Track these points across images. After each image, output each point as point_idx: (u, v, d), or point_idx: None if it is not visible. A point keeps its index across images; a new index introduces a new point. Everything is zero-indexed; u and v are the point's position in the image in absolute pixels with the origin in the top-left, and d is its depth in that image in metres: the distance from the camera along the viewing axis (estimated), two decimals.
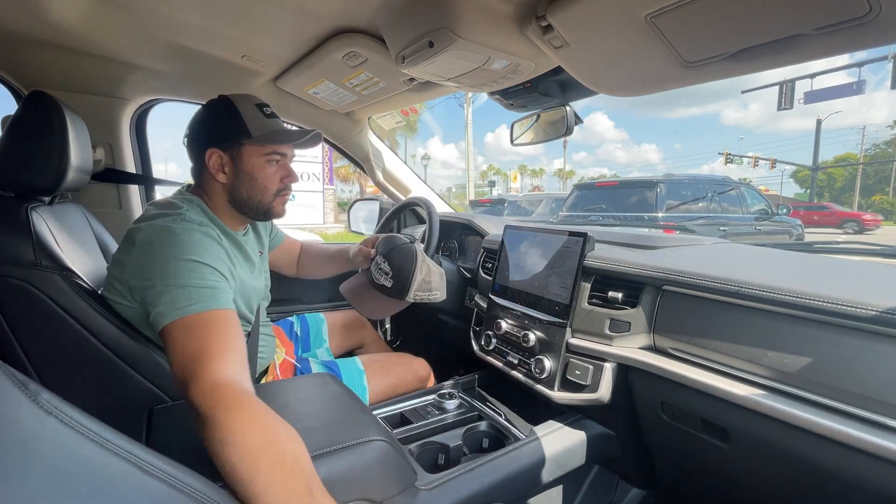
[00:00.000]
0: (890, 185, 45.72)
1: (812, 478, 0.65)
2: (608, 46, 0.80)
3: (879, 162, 48.34)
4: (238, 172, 0.89)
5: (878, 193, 46.31)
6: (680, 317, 0.81)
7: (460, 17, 0.82)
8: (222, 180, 0.89)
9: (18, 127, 0.86)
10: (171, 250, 0.73)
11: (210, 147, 0.87)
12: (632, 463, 1.02)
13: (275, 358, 1.10)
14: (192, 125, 0.91)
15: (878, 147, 49.57)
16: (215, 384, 0.58)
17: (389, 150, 1.92)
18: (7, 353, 0.77)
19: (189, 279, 0.71)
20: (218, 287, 0.73)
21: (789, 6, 0.60)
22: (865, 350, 0.59)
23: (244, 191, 0.90)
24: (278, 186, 0.92)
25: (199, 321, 0.67)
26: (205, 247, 0.76)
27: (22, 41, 1.15)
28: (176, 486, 0.37)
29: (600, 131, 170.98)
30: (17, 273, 0.75)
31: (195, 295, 0.69)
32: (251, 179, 0.89)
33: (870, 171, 49.18)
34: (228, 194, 0.90)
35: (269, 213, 0.94)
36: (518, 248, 1.15)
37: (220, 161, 0.88)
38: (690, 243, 1.07)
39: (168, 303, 0.69)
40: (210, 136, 0.88)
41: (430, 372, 1.26)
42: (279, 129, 0.90)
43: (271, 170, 0.91)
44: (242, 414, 0.55)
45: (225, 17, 1.04)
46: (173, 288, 0.70)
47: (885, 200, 44.34)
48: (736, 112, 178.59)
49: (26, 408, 0.29)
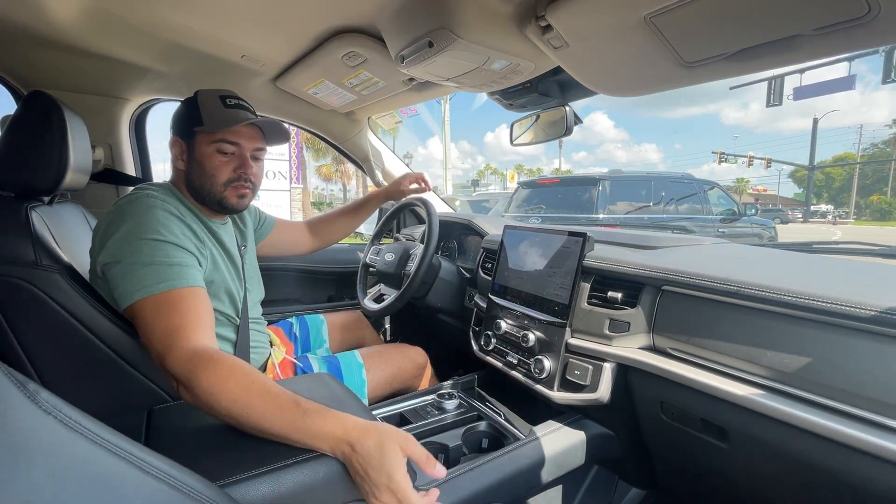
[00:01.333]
0: (888, 185, 45.75)
1: (811, 477, 0.65)
2: (608, 46, 0.80)
3: (877, 161, 48.47)
4: (191, 160, 0.91)
5: (875, 193, 46.39)
6: (679, 317, 0.81)
7: (460, 17, 0.82)
8: (180, 167, 0.92)
9: (18, 127, 0.85)
10: (135, 229, 0.75)
11: (173, 136, 0.92)
12: (631, 463, 1.02)
13: (274, 357, 1.10)
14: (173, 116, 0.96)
15: (877, 147, 49.70)
16: (192, 352, 0.64)
17: (389, 150, 1.92)
18: (7, 353, 0.77)
19: (154, 257, 0.73)
20: (185, 264, 0.75)
21: (788, 6, 0.60)
22: (865, 350, 0.59)
23: (196, 179, 0.91)
24: (229, 176, 0.90)
25: (168, 299, 0.70)
26: (167, 225, 0.77)
27: (21, 40, 1.15)
28: (175, 486, 0.37)
29: (600, 131, 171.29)
30: (17, 272, 0.75)
31: (162, 273, 0.72)
32: (200, 167, 0.90)
33: (868, 171, 49.29)
34: (186, 182, 0.92)
35: (223, 204, 0.92)
36: (517, 248, 1.15)
37: (180, 149, 0.92)
38: (690, 243, 1.08)
39: (135, 281, 0.71)
40: (174, 126, 0.93)
41: (426, 359, 1.29)
42: (228, 117, 0.89)
43: (221, 159, 0.90)
44: (222, 367, 0.62)
45: (224, 17, 1.04)
46: (139, 266, 0.72)
47: (883, 200, 44.45)
48: (736, 112, 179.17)
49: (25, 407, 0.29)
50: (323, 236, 1.40)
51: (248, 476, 0.55)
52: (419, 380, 1.26)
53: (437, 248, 1.31)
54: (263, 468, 0.57)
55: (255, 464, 0.57)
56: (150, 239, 0.74)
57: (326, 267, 1.87)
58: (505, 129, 26.47)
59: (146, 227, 0.75)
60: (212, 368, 0.62)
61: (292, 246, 1.36)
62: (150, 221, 0.76)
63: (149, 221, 0.76)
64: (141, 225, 0.75)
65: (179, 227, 0.80)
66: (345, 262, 1.90)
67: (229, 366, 0.63)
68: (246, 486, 0.54)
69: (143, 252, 0.73)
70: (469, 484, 0.80)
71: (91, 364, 0.79)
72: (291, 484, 0.57)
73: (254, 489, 0.55)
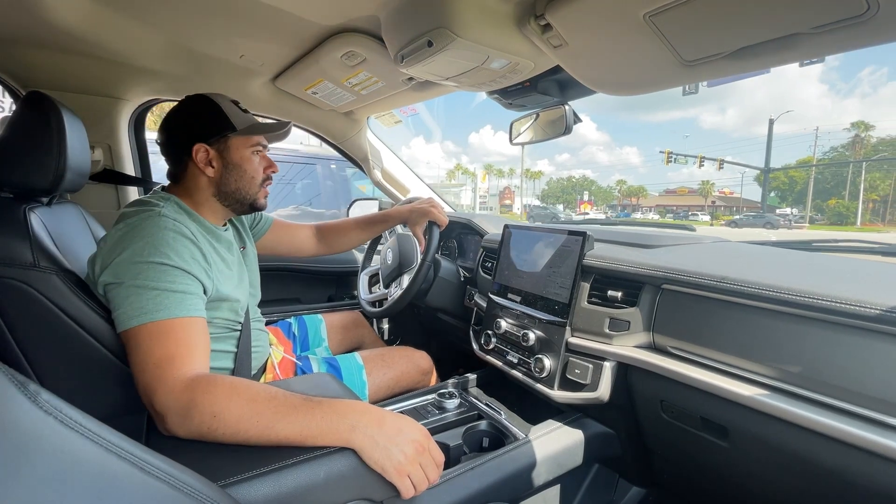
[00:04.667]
0: (846, 189, 46.14)
1: (812, 476, 0.65)
2: (607, 45, 0.80)
3: (836, 164, 49.19)
4: (227, 165, 0.91)
5: (833, 197, 46.78)
6: (679, 315, 0.81)
7: (459, 16, 0.82)
8: (210, 174, 0.90)
9: (16, 127, 0.85)
10: (142, 251, 0.72)
11: (196, 142, 0.88)
12: (632, 461, 1.02)
13: (273, 357, 1.10)
14: (170, 125, 0.91)
15: (836, 150, 50.59)
16: (189, 380, 0.63)
17: (389, 149, 1.92)
18: (5, 354, 0.76)
19: (159, 282, 0.70)
20: (188, 292, 0.73)
21: (788, 5, 0.60)
22: (866, 348, 0.59)
23: (233, 183, 0.92)
24: (262, 176, 0.96)
25: (166, 328, 0.68)
26: (177, 248, 0.75)
27: (19, 41, 1.14)
28: (176, 486, 0.37)
29: (583, 133, 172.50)
30: (15, 274, 0.75)
31: (164, 300, 0.69)
32: (240, 171, 0.92)
33: (828, 175, 50.15)
34: (216, 188, 0.91)
35: (255, 205, 0.97)
36: (517, 248, 1.15)
37: (207, 155, 0.89)
38: (690, 242, 1.08)
39: (135, 305, 0.69)
40: (194, 133, 0.89)
41: (432, 365, 1.26)
42: (258, 123, 0.95)
43: (256, 160, 0.94)
44: (222, 387, 0.62)
45: (223, 17, 1.03)
46: (141, 290, 0.69)
47: (841, 204, 45.03)
48: (714, 116, 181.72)
49: (25, 408, 0.29)
50: (332, 244, 1.37)
51: (248, 476, 0.55)
52: (422, 385, 1.23)
53: (437, 247, 1.30)
54: (264, 468, 0.57)
55: (256, 464, 0.57)
56: (156, 262, 0.72)
57: (326, 267, 1.87)
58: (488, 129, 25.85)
59: (153, 249, 0.73)
60: (212, 390, 0.61)
61: (293, 249, 1.32)
62: (159, 244, 0.73)
63: (157, 243, 0.73)
64: (148, 246, 0.73)
65: (189, 250, 0.77)
66: (344, 262, 1.90)
67: (229, 384, 0.62)
68: (246, 486, 0.54)
69: (148, 275, 0.70)
70: (469, 483, 0.80)
71: (90, 366, 0.79)
72: (292, 484, 0.57)
73: (254, 489, 0.55)
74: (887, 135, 50.65)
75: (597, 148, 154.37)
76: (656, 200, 69.88)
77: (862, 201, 43.06)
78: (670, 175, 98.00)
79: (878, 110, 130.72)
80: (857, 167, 44.95)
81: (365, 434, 0.60)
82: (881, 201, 47.41)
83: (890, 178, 46.59)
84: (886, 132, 55.43)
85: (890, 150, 46.61)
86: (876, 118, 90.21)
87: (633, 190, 73.05)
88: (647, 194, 72.09)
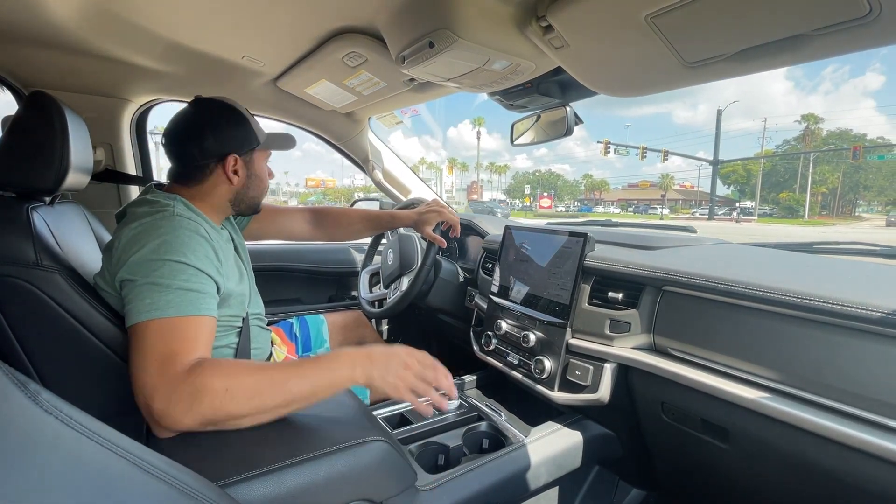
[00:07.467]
0: (797, 182, 45.89)
1: (812, 478, 0.65)
2: (608, 47, 0.80)
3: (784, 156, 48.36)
4: (250, 175, 0.94)
5: (785, 191, 46.61)
6: (680, 317, 0.81)
7: (460, 17, 0.82)
8: (236, 183, 0.92)
9: (19, 127, 0.85)
10: (159, 248, 0.72)
11: (231, 153, 0.89)
12: (632, 463, 1.02)
13: (276, 357, 1.10)
14: (195, 130, 0.89)
15: (788, 143, 50.43)
16: (190, 368, 0.64)
17: (390, 150, 1.92)
18: (7, 354, 0.77)
19: (174, 279, 0.71)
20: (202, 291, 0.73)
21: (790, 7, 0.60)
22: (867, 351, 0.59)
23: (252, 191, 0.96)
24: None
25: (175, 325, 0.68)
26: (193, 247, 0.75)
27: (22, 41, 1.15)
28: (175, 486, 0.37)
29: None
30: (18, 273, 0.75)
31: (176, 298, 0.69)
32: (259, 180, 0.97)
33: (781, 168, 49.64)
34: (234, 194, 0.93)
35: (259, 209, 1.02)
36: (518, 249, 1.15)
37: (235, 164, 0.91)
38: (691, 243, 1.07)
39: (147, 301, 0.69)
40: (229, 143, 0.89)
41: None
42: (272, 135, 0.99)
43: (267, 170, 1.00)
44: (227, 365, 0.64)
45: (225, 17, 1.04)
46: (155, 287, 0.70)
47: (792, 198, 44.74)
48: (686, 111, 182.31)
49: (26, 407, 0.29)
50: (331, 231, 1.34)
51: (248, 476, 0.55)
52: None
53: (437, 248, 1.30)
54: (264, 468, 0.57)
55: (256, 464, 0.57)
56: (172, 260, 0.72)
57: (327, 267, 1.87)
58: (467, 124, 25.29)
59: (170, 247, 0.73)
60: (218, 368, 0.63)
61: (281, 234, 1.29)
62: (176, 242, 0.74)
63: (174, 242, 0.74)
64: (165, 244, 0.73)
65: (204, 248, 0.77)
66: (345, 262, 1.90)
67: (233, 362, 0.66)
68: (246, 486, 0.54)
69: (163, 273, 0.71)
70: (469, 484, 0.80)
71: (92, 365, 0.79)
72: (291, 484, 0.57)
73: (254, 489, 0.55)
74: (836, 127, 50.22)
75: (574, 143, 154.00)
76: (618, 194, 69.94)
77: (810, 194, 42.94)
78: (645, 169, 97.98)
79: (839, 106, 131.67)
80: (806, 160, 44.68)
81: (364, 372, 0.67)
82: (830, 194, 47.21)
83: (839, 171, 46.30)
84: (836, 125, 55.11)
85: (837, 143, 46.32)
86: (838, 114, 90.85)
87: (595, 184, 72.53)
88: (608, 188, 71.71)
